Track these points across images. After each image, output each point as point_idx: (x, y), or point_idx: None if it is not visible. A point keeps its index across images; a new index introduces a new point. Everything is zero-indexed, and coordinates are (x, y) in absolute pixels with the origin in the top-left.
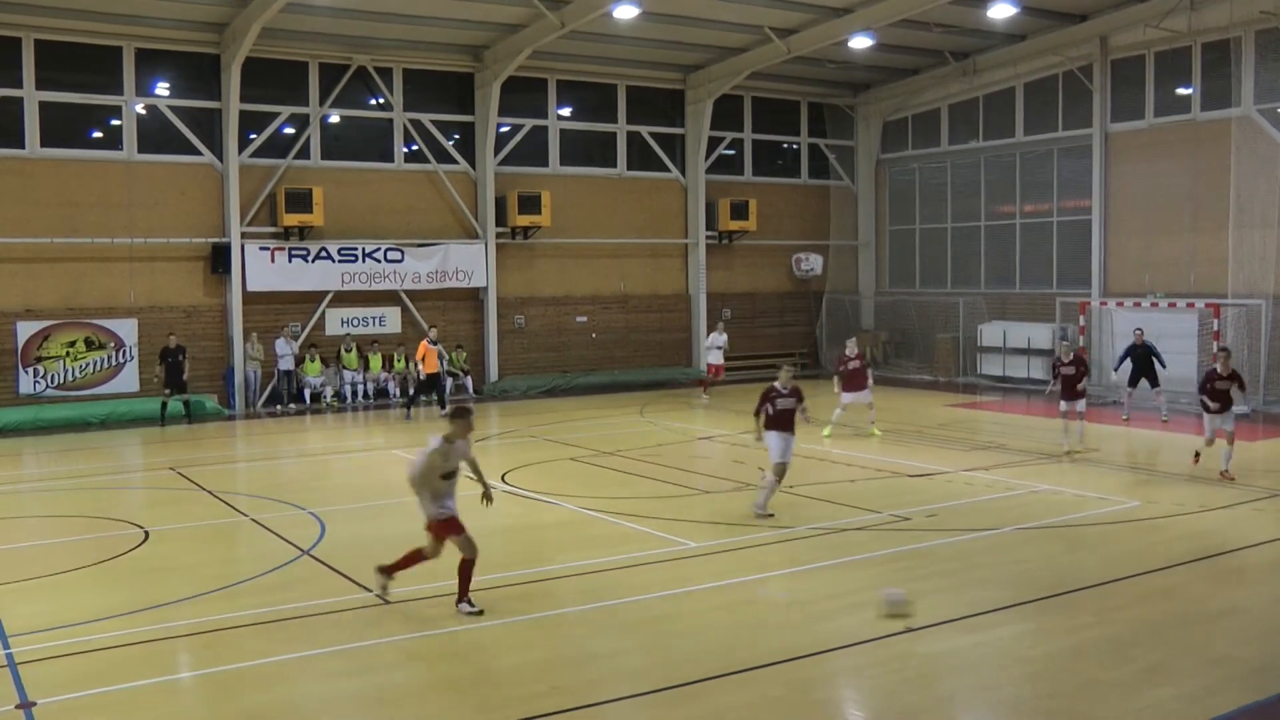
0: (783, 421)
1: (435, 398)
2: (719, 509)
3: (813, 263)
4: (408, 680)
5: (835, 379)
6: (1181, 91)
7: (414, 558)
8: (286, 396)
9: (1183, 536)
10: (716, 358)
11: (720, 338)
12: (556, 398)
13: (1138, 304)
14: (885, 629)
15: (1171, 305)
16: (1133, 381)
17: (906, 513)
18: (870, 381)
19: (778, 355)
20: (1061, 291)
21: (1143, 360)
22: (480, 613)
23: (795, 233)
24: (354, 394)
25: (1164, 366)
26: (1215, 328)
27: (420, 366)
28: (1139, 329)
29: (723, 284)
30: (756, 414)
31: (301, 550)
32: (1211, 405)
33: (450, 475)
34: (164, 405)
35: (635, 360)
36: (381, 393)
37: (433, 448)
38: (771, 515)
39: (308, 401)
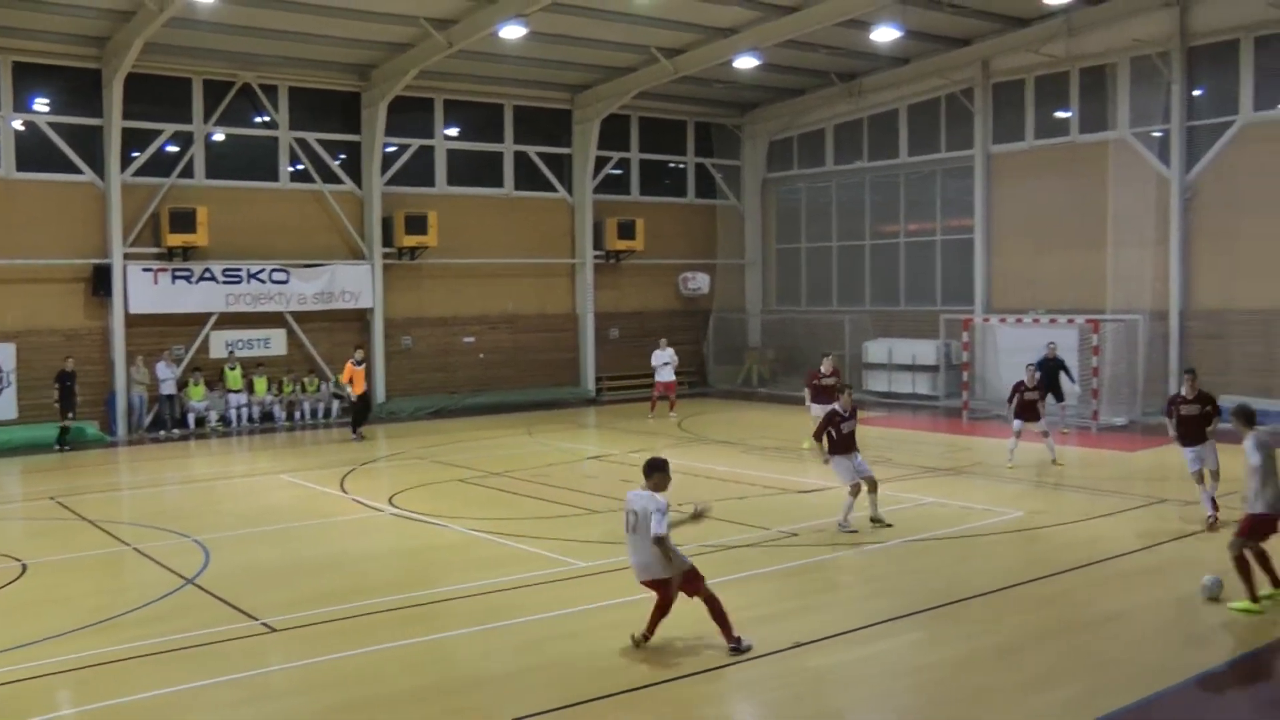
0: (846, 444)
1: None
2: (608, 528)
3: (700, 281)
4: (299, 708)
5: (807, 392)
6: (1060, 115)
7: (717, 609)
8: (170, 421)
9: (1067, 545)
10: (667, 374)
11: (666, 353)
12: (444, 419)
13: (1020, 320)
14: (776, 644)
15: (1053, 321)
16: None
17: (795, 528)
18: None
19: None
20: (945, 308)
21: (1052, 374)
22: (749, 647)
23: (682, 251)
24: (239, 418)
25: (1073, 381)
26: (1094, 343)
27: (350, 389)
28: (1052, 343)
29: (611, 303)
30: (818, 437)
31: (186, 579)
32: (1172, 433)
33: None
34: (64, 430)
35: (523, 380)
36: (267, 416)
37: (662, 504)
38: (855, 531)
39: (192, 426)
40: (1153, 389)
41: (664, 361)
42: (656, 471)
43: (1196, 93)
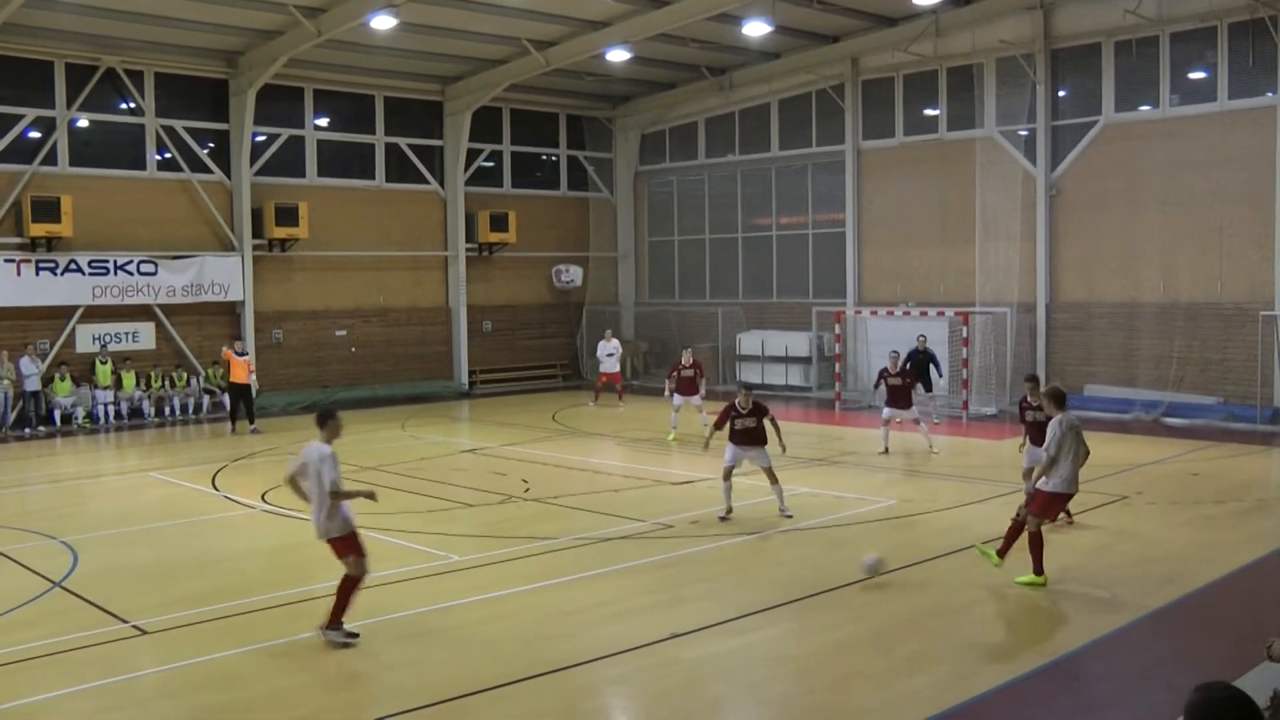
0: (739, 438)
1: (242, 409)
2: (482, 522)
3: (573, 274)
4: (168, 712)
5: (667, 383)
6: (929, 112)
7: (348, 589)
8: (35, 419)
9: (938, 531)
10: (611, 365)
11: (612, 345)
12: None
13: (891, 313)
14: (652, 636)
15: (923, 314)
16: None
17: (669, 519)
18: (701, 389)
19: (539, 367)
20: (818, 301)
21: (922, 366)
22: (356, 636)
23: (555, 244)
24: (106, 415)
25: (941, 375)
26: (964, 334)
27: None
28: (922, 335)
29: (483, 296)
30: (718, 426)
31: (53, 582)
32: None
33: None
34: None
35: (396, 374)
36: (136, 412)
37: (329, 452)
38: (727, 517)
39: (58, 423)
40: (1020, 380)
41: (608, 353)
42: (329, 420)
43: (1061, 93)
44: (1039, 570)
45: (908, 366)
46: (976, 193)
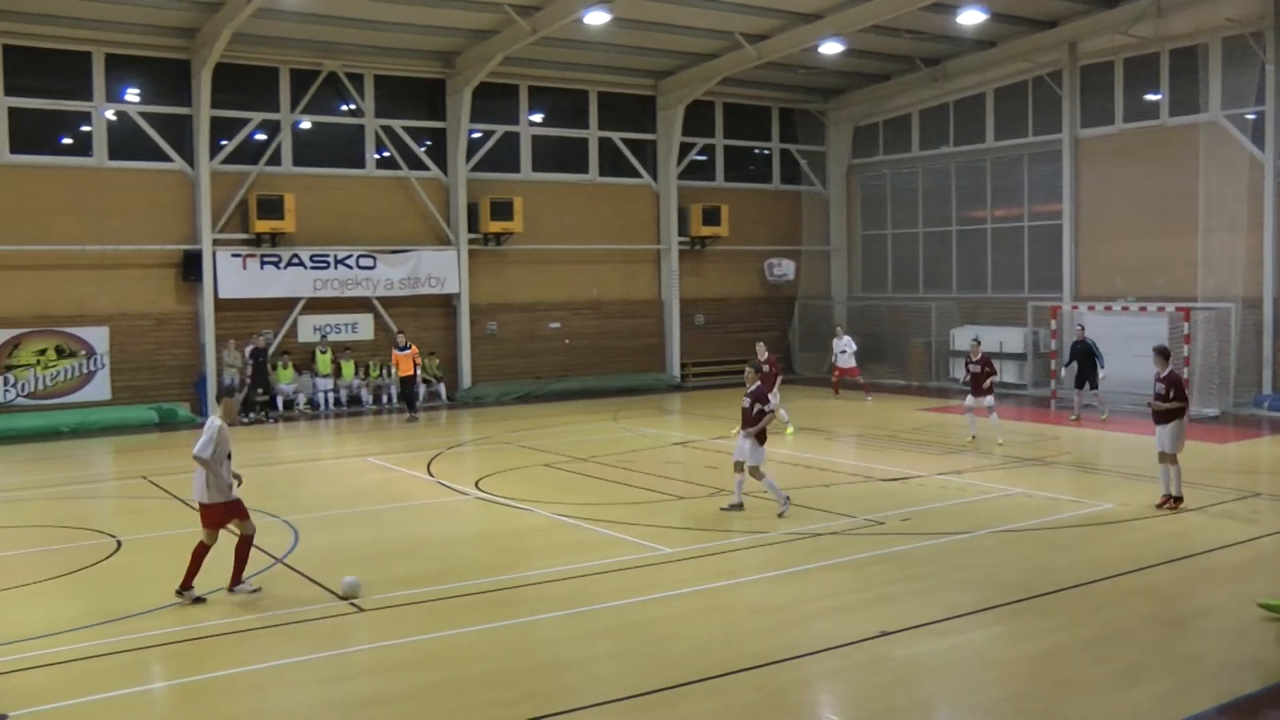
0: (742, 420)
1: (405, 403)
2: (693, 514)
3: (785, 268)
4: (381, 688)
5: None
6: (1150, 97)
7: (199, 555)
8: (259, 404)
9: (1156, 538)
10: (847, 361)
11: (844, 340)
12: (529, 404)
13: (1109, 308)
14: (861, 633)
15: (1142, 309)
16: (1079, 382)
17: (880, 516)
18: (777, 384)
19: (751, 360)
20: (1033, 295)
21: (1083, 358)
22: (258, 590)
23: (767, 238)
24: (326, 401)
25: (1102, 367)
26: (1185, 331)
27: (396, 371)
28: (1080, 325)
29: (695, 290)
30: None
31: (275, 558)
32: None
33: (228, 457)
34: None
35: (608, 366)
36: (354, 400)
37: (213, 427)
38: (738, 507)
39: (280, 409)
40: (1245, 379)
41: (842, 349)
42: (225, 397)
43: None
44: None
45: (1068, 360)
46: (1200, 181)
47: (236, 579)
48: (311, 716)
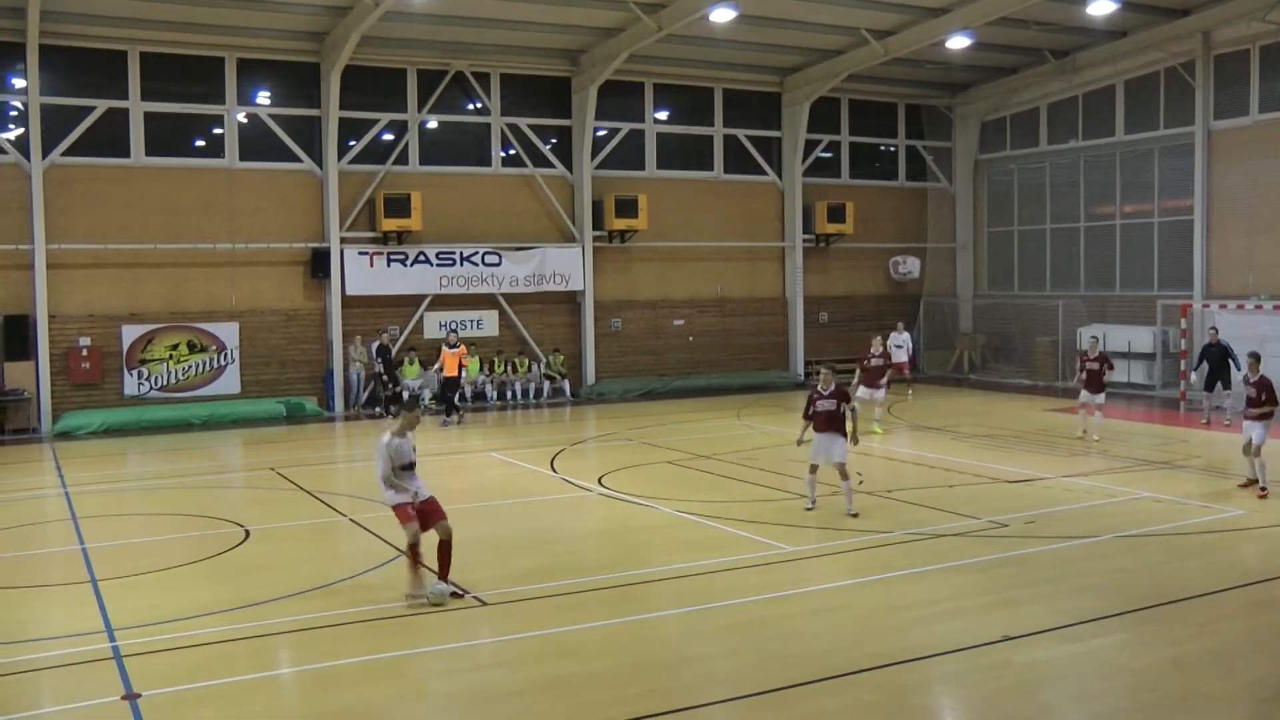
0: (820, 424)
1: (444, 404)
2: (814, 513)
3: (910, 265)
4: (505, 680)
5: (857, 372)
6: None
7: (412, 554)
8: (385, 398)
9: None
10: (900, 355)
11: (902, 336)
12: (653, 401)
13: (1241, 306)
14: (983, 637)
15: (1276, 308)
16: (1209, 385)
17: (1004, 519)
18: (885, 380)
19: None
20: (1162, 294)
21: (1218, 360)
22: (462, 594)
23: (892, 235)
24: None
25: (1239, 368)
26: None
27: (443, 372)
28: (1213, 328)
29: (820, 287)
30: (806, 416)
31: (399, 551)
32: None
33: (409, 467)
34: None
35: (732, 364)
36: (479, 395)
37: (386, 439)
38: (811, 508)
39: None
40: None
41: (898, 344)
42: (405, 411)
43: None
44: None
45: (1201, 362)
46: None
47: (443, 575)
48: (436, 707)
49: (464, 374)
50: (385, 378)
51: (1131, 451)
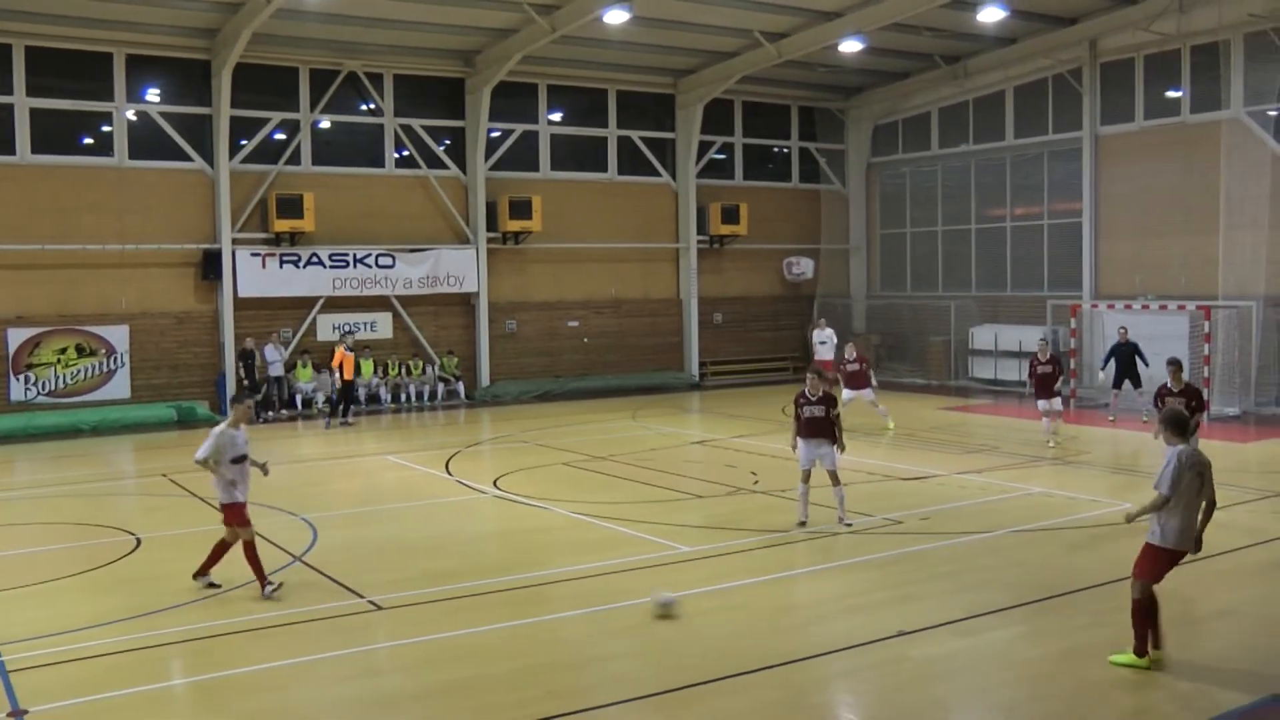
0: (806, 430)
1: (343, 406)
2: (712, 513)
3: (804, 266)
4: (403, 685)
5: (839, 378)
6: (1171, 94)
7: (217, 549)
8: (278, 403)
9: None
10: (825, 353)
11: (825, 332)
12: (549, 402)
13: (1129, 306)
14: (881, 633)
15: (1163, 307)
16: (1117, 382)
17: (899, 515)
18: (873, 381)
19: (770, 359)
20: (1053, 294)
21: (1126, 359)
22: (278, 586)
23: (786, 236)
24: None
25: (1146, 365)
26: (1206, 330)
27: (338, 375)
28: (1123, 327)
29: (715, 288)
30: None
31: (294, 556)
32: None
33: (240, 460)
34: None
35: (627, 365)
36: (373, 398)
37: (219, 430)
38: (803, 523)
39: (299, 407)
40: (1266, 378)
41: (821, 341)
42: (235, 403)
43: None
44: (1141, 649)
45: (1109, 360)
46: (1221, 179)
47: (204, 570)
48: (333, 714)
49: (359, 377)
50: (245, 381)
51: (1023, 448)
